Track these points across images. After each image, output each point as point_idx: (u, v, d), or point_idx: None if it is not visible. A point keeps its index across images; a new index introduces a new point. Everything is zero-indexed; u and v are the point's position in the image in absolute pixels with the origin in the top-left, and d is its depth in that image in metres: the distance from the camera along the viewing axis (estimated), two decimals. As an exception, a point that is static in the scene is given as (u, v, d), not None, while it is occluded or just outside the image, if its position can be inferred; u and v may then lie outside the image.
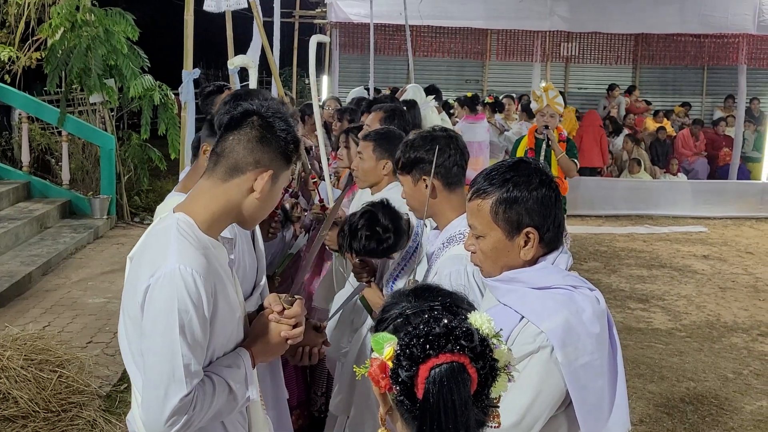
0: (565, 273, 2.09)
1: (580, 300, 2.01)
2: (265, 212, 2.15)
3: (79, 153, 10.74)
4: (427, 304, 1.40)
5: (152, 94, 9.96)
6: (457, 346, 1.28)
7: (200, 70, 5.29)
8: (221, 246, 2.12)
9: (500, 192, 2.09)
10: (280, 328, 2.20)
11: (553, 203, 2.10)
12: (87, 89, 9.92)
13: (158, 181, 12.17)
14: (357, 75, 14.21)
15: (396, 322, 1.40)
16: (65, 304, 6.87)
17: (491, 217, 2.10)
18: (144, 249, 2.06)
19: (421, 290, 1.47)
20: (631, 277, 8.72)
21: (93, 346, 5.85)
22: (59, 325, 6.32)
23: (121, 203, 10.49)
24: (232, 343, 2.14)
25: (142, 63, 10.17)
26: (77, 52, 9.57)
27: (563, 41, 13.72)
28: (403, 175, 2.86)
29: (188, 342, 1.92)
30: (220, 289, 2.02)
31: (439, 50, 13.63)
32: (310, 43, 4.93)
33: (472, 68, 15.07)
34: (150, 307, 1.93)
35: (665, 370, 5.98)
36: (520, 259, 2.10)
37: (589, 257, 9.60)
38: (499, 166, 2.16)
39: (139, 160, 10.75)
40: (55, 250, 8.27)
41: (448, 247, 2.69)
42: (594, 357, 1.97)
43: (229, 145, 2.06)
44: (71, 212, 10.10)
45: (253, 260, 2.85)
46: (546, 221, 2.09)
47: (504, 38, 13.66)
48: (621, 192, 12.33)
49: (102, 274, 7.83)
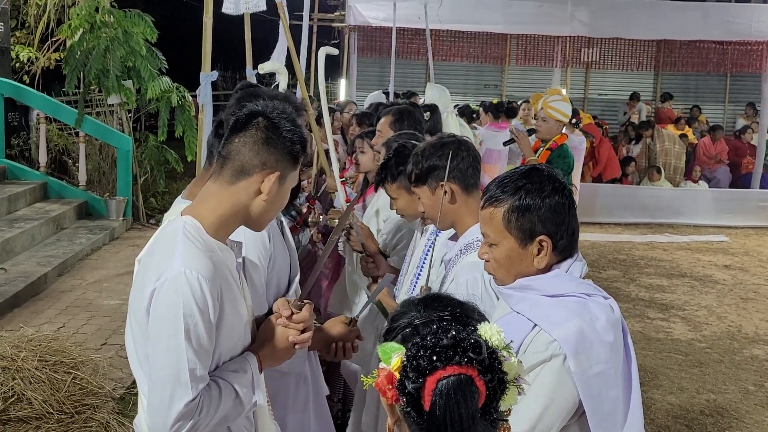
0: (578, 281, 2.09)
1: (593, 308, 2.01)
2: (273, 214, 2.16)
3: (96, 154, 10.82)
4: (437, 314, 1.40)
5: (170, 95, 10.02)
6: (464, 358, 1.28)
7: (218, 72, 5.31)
8: (229, 250, 2.12)
9: (513, 200, 2.09)
10: (287, 332, 2.20)
11: (566, 210, 2.10)
12: (105, 90, 9.99)
13: (174, 183, 12.24)
14: (375, 79, 14.23)
15: (404, 332, 1.39)
16: (80, 306, 6.92)
17: (504, 225, 2.10)
18: (151, 252, 2.07)
19: (430, 299, 1.46)
20: (651, 286, 8.67)
21: (107, 348, 5.89)
22: (74, 326, 6.36)
23: (137, 205, 10.56)
24: (239, 348, 2.14)
25: (160, 65, 10.23)
26: (96, 54, 9.64)
27: (583, 47, 13.69)
28: (419, 186, 2.85)
29: (194, 347, 1.92)
30: (226, 293, 2.02)
31: (458, 55, 13.64)
32: (319, 55, 4.94)
33: (491, 73, 15.06)
34: (155, 311, 1.94)
35: (685, 382, 5.94)
36: (533, 268, 2.10)
37: (608, 265, 9.55)
38: (511, 174, 2.16)
39: (156, 161, 10.81)
40: (70, 251, 8.34)
41: (465, 254, 2.68)
42: (608, 366, 1.96)
43: (234, 147, 2.07)
44: (87, 213, 10.18)
45: (286, 256, 2.85)
46: (559, 229, 2.09)
47: (523, 43, 13.65)
48: (641, 200, 12.26)
49: (117, 276, 7.88)
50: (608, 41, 13.65)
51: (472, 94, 14.29)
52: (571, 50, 13.58)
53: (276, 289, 2.71)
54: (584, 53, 13.75)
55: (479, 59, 13.87)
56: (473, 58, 13.80)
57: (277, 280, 2.71)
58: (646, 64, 13.95)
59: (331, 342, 2.61)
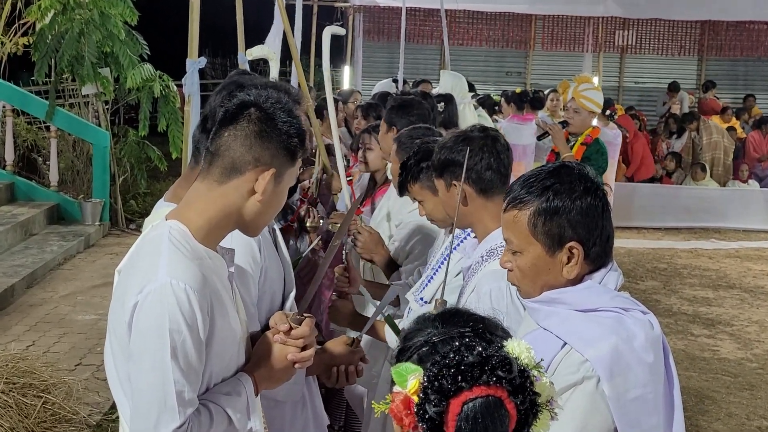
0: (614, 293, 2.08)
1: (630, 324, 2.00)
2: (269, 216, 2.16)
3: (69, 151, 10.84)
4: (457, 330, 1.39)
5: (152, 85, 10.03)
6: (493, 377, 1.27)
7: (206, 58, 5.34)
8: (219, 257, 2.12)
9: (539, 201, 2.08)
10: (286, 350, 2.19)
11: (599, 214, 2.09)
12: (79, 79, 10.01)
13: (157, 183, 12.26)
14: (382, 65, 14.25)
15: (421, 351, 1.38)
16: (52, 321, 6.94)
17: (529, 230, 2.09)
18: (132, 261, 2.07)
19: (448, 315, 1.46)
20: (695, 298, 8.64)
21: (82, 368, 5.89)
22: (45, 344, 6.38)
23: (115, 208, 10.58)
24: (232, 368, 2.14)
25: (141, 50, 10.25)
26: (69, 38, 9.67)
27: (618, 29, 13.69)
28: (437, 178, 2.90)
29: (181, 366, 1.92)
30: (217, 306, 2.02)
31: (476, 38, 13.66)
32: (324, 36, 4.94)
33: (513, 59, 15.05)
34: (138, 327, 1.94)
35: (734, 407, 5.92)
36: (562, 278, 2.10)
37: (647, 275, 9.53)
38: (537, 172, 2.15)
39: (137, 159, 10.84)
40: (41, 260, 8.36)
41: (487, 261, 2.68)
42: (647, 390, 1.96)
43: (224, 142, 2.06)
44: (59, 217, 10.21)
45: (280, 269, 2.84)
46: (592, 234, 2.08)
47: (550, 25, 13.66)
48: (683, 201, 12.23)
49: (93, 288, 7.89)
50: (646, 23, 13.64)
51: (492, 83, 14.30)
52: (604, 33, 13.59)
53: (269, 307, 2.70)
54: (619, 36, 13.75)
55: (500, 43, 13.88)
56: (494, 42, 13.82)
57: (270, 296, 2.70)
58: (688, 48, 13.95)
59: (332, 365, 2.60)
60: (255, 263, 2.58)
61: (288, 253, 3.02)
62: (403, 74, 11.00)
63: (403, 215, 3.92)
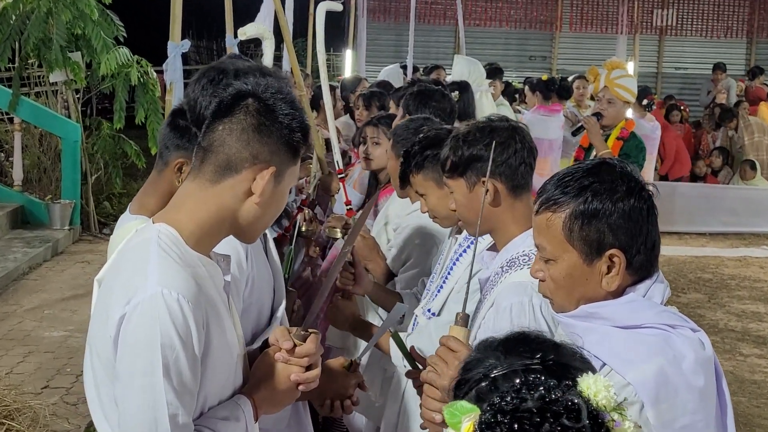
0: (660, 308, 2.07)
1: (678, 344, 1.99)
2: (267, 221, 2.16)
3: (35, 146, 10.87)
4: (522, 362, 1.37)
5: (129, 71, 10.02)
6: (557, 426, 1.24)
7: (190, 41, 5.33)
8: (215, 265, 2.12)
9: (576, 203, 2.08)
10: (289, 370, 2.19)
11: (644, 218, 2.08)
12: (46, 65, 10.01)
13: (134, 182, 12.27)
14: (389, 49, 14.27)
15: (480, 387, 1.36)
16: (15, 338, 6.94)
17: (565, 235, 2.09)
18: (116, 269, 2.07)
19: (513, 342, 1.44)
20: (744, 313, 8.62)
21: (49, 392, 5.89)
22: (7, 364, 6.38)
23: (87, 210, 10.60)
24: (228, 389, 2.14)
25: (117, 32, 10.25)
26: (35, 18, 9.68)
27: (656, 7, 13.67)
28: (455, 178, 2.85)
29: (174, 386, 1.91)
30: (213, 319, 2.02)
31: (496, 18, 13.67)
32: (317, 13, 4.94)
33: (538, 41, 15.07)
34: (125, 343, 1.93)
35: (788, 437, 5.91)
36: (601, 290, 2.09)
37: (689, 287, 9.51)
38: (574, 171, 2.15)
39: (111, 155, 10.84)
40: (2, 269, 8.37)
41: (508, 272, 2.67)
42: (696, 418, 1.95)
43: (218, 136, 2.06)
44: (24, 221, 10.23)
45: (269, 279, 2.84)
46: (635, 241, 2.08)
47: (579, 3, 13.66)
48: (731, 203, 12.20)
49: (62, 301, 7.90)
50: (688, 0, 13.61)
51: (513, 68, 14.29)
52: (640, 12, 13.60)
53: (256, 321, 2.70)
54: (657, 16, 13.75)
55: (523, 24, 13.90)
56: (515, 22, 13.84)
57: (258, 308, 2.71)
58: (736, 29, 13.93)
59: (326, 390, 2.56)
60: (240, 271, 2.58)
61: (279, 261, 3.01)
62: (413, 59, 11.00)
63: (401, 218, 3.92)
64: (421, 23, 12.81)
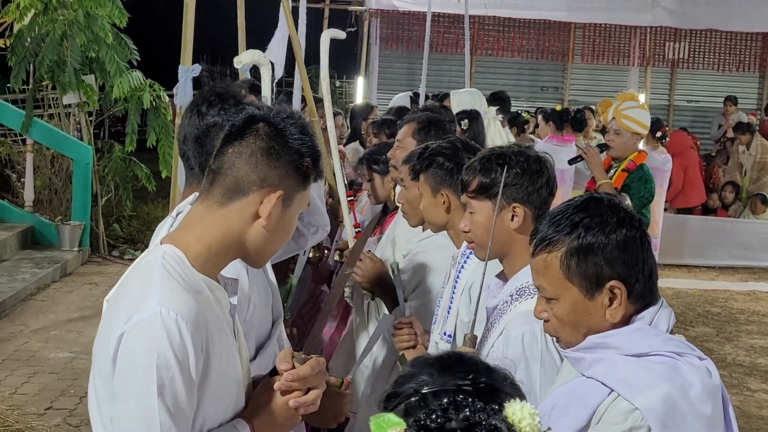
0: (666, 336, 2.08)
1: (686, 371, 2.00)
2: (275, 245, 2.16)
3: (46, 167, 10.91)
4: (454, 382, 1.37)
5: (141, 95, 10.10)
6: None
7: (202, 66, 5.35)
8: (221, 288, 2.12)
9: (570, 240, 2.10)
10: (288, 395, 2.17)
11: (638, 246, 2.11)
12: (60, 87, 10.09)
13: (144, 205, 12.31)
14: (401, 77, 14.31)
15: (409, 402, 1.37)
16: (20, 359, 6.93)
17: (563, 273, 2.11)
18: (122, 289, 2.07)
19: (449, 361, 1.44)
20: (753, 348, 8.57)
21: (53, 413, 5.88)
22: (12, 384, 6.37)
23: (96, 232, 10.62)
24: (229, 413, 2.12)
25: (131, 56, 10.33)
26: (50, 41, 9.76)
27: (669, 40, 13.69)
28: (480, 200, 2.83)
29: (168, 407, 1.91)
30: (215, 343, 2.02)
31: (507, 48, 13.70)
32: (321, 40, 4.96)
33: (549, 72, 15.08)
34: (122, 361, 1.93)
35: (796, 474, 5.85)
36: (606, 322, 2.11)
37: (697, 320, 9.46)
38: (564, 208, 2.17)
39: (122, 178, 10.88)
40: (10, 289, 8.38)
41: (518, 301, 2.67)
42: (704, 446, 1.95)
43: (228, 159, 2.07)
44: (34, 242, 10.25)
45: (268, 298, 2.84)
46: (633, 270, 2.09)
47: (592, 35, 13.69)
48: (741, 237, 12.16)
49: (69, 322, 7.90)
50: (700, 34, 13.65)
51: (525, 98, 14.31)
52: (652, 44, 13.61)
53: (255, 341, 2.70)
54: (669, 48, 13.75)
55: (535, 54, 13.91)
56: (527, 52, 13.86)
57: (258, 328, 2.71)
58: (748, 63, 13.92)
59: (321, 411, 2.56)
60: (242, 295, 2.58)
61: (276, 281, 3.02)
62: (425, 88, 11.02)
63: (412, 245, 3.92)
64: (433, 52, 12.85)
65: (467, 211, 2.89)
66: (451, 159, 3.31)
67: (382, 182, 4.64)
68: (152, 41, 12.10)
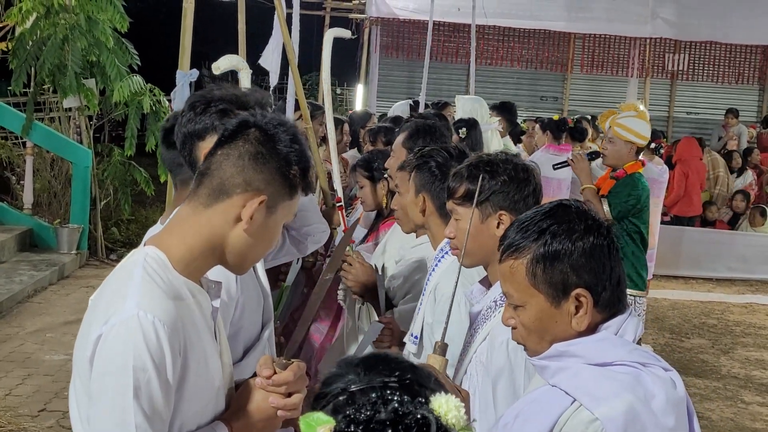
0: (632, 346, 2.07)
1: (649, 382, 1.99)
2: (257, 252, 2.16)
3: (46, 170, 10.92)
4: (380, 379, 1.40)
5: (141, 99, 10.12)
6: None
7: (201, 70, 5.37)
8: (202, 291, 2.12)
9: (536, 246, 2.10)
10: (268, 397, 2.17)
11: (606, 254, 2.10)
12: (61, 91, 10.10)
13: (143, 209, 12.31)
14: (401, 85, 14.33)
15: (337, 401, 1.40)
16: (15, 360, 6.95)
17: (529, 280, 2.11)
18: (103, 290, 2.08)
19: (374, 361, 1.46)
20: (748, 360, 8.56)
21: (46, 415, 5.89)
22: (6, 386, 6.39)
23: (94, 235, 10.63)
24: (208, 416, 2.12)
25: (131, 60, 10.35)
26: (51, 44, 9.78)
27: (668, 52, 13.70)
28: (464, 206, 2.84)
29: (144, 410, 1.91)
30: (194, 347, 2.02)
31: (507, 58, 13.72)
32: (325, 39, 4.97)
33: (549, 82, 15.10)
34: (99, 363, 1.94)
35: (786, 486, 5.85)
36: (572, 330, 2.10)
37: (693, 332, 9.46)
38: (533, 215, 2.16)
39: (121, 182, 10.89)
40: (7, 291, 8.39)
41: (501, 307, 2.68)
42: (665, 458, 1.95)
43: (216, 161, 2.08)
44: (32, 244, 10.27)
45: (259, 300, 2.85)
46: (599, 278, 2.09)
47: (591, 45, 13.71)
48: (739, 249, 12.15)
49: (65, 324, 7.91)
50: (700, 46, 13.66)
51: (524, 108, 14.30)
52: (652, 56, 13.61)
53: (244, 344, 2.70)
54: (669, 60, 13.76)
55: (534, 64, 13.93)
56: (527, 62, 13.87)
57: (248, 330, 2.72)
58: (748, 75, 13.93)
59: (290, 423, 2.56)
60: (229, 297, 2.58)
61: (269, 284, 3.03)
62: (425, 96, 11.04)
63: (405, 251, 3.94)
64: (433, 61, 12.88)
65: (453, 217, 2.90)
66: (441, 167, 3.34)
67: (375, 189, 4.66)
68: (153, 46, 12.12)
